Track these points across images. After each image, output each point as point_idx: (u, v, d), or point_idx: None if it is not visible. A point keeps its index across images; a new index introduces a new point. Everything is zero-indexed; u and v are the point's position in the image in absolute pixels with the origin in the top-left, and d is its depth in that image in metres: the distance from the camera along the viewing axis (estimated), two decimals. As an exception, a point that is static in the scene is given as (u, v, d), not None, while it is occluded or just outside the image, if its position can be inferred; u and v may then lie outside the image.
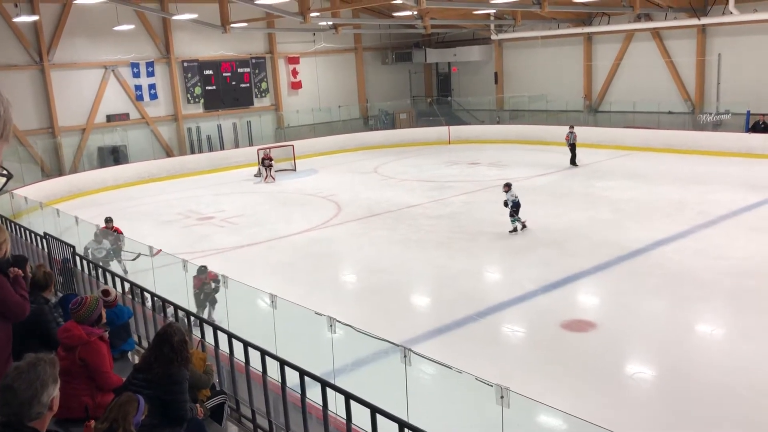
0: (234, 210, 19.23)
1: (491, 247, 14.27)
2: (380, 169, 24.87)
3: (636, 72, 27.44)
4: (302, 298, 9.82)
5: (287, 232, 16.07)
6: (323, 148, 28.87)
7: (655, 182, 19.62)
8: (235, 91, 28.87)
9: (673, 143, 24.50)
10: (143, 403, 3.80)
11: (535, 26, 28.80)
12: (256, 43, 29.49)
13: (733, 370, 8.44)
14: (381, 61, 33.73)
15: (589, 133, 27.02)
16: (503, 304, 11.02)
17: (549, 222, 15.69)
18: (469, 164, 24.79)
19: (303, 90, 30.98)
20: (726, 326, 10.06)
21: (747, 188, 17.93)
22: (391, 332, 9.00)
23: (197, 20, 23.97)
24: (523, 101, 31.19)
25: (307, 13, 21.83)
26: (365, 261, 13.95)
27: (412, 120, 33.35)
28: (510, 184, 15.10)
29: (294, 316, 8.22)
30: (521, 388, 5.62)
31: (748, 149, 22.53)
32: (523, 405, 5.36)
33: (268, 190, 22.28)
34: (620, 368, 8.83)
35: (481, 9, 25.98)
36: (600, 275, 12.26)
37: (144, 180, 24.62)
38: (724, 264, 12.25)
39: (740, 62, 24.26)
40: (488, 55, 32.45)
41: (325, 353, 6.99)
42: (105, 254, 12.29)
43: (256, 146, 26.39)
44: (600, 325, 10.03)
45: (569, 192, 19.17)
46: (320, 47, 30.92)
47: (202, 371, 5.18)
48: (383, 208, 18.30)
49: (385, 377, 7.11)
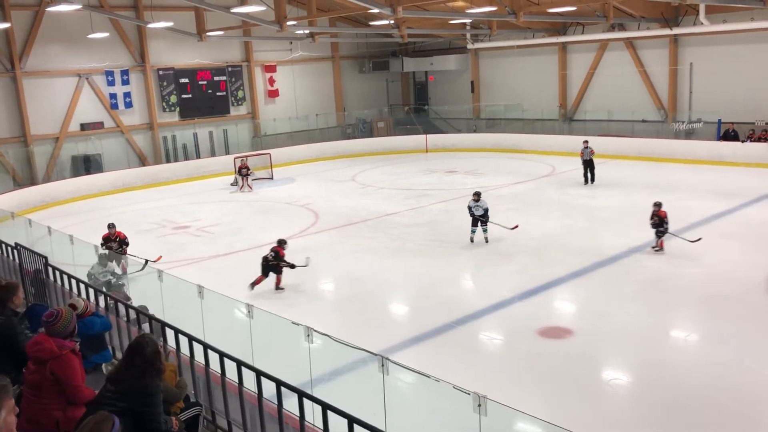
0: (210, 219, 19.08)
1: (469, 255, 14.32)
2: (358, 178, 24.87)
3: (610, 81, 27.82)
4: (279, 308, 9.78)
5: (264, 241, 15.94)
6: (300, 156, 28.81)
7: (629, 190, 19.85)
8: (212, 99, 28.72)
9: (647, 151, 24.84)
10: (118, 424, 3.73)
11: (511, 35, 29.09)
12: (232, 51, 29.38)
13: (708, 376, 8.54)
14: (358, 70, 33.81)
15: (564, 141, 27.33)
16: (481, 312, 11.04)
17: (526, 230, 15.78)
18: (447, 172, 24.89)
19: (280, 98, 30.92)
20: (700, 332, 10.19)
21: (718, 196, 18.22)
22: (369, 341, 8.97)
23: (173, 28, 23.83)
24: (500, 110, 31.44)
25: (283, 21, 21.81)
26: (343, 269, 13.91)
27: (389, 128, 33.43)
28: (479, 193, 15.00)
29: (271, 326, 8.16)
30: (499, 396, 5.63)
31: (720, 157, 22.92)
32: (501, 413, 5.37)
33: (245, 198, 22.16)
34: (597, 375, 8.89)
35: (457, 18, 26.17)
36: (576, 282, 12.35)
37: (119, 189, 24.35)
38: (697, 271, 12.42)
39: (711, 71, 24.70)
40: (464, 64, 32.68)
41: (303, 363, 6.94)
42: (110, 278, 11.10)
43: (233, 155, 26.27)
44: (576, 331, 10.10)
45: (545, 200, 19.33)
46: (297, 56, 30.91)
47: (174, 384, 5.11)
48: (361, 217, 18.29)
49: (362, 387, 7.08)
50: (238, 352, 6.00)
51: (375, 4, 19.15)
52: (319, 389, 7.23)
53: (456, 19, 26.33)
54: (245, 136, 29.82)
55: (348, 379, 8.11)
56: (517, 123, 30.04)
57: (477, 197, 14.80)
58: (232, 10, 22.37)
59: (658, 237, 13.59)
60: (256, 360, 6.53)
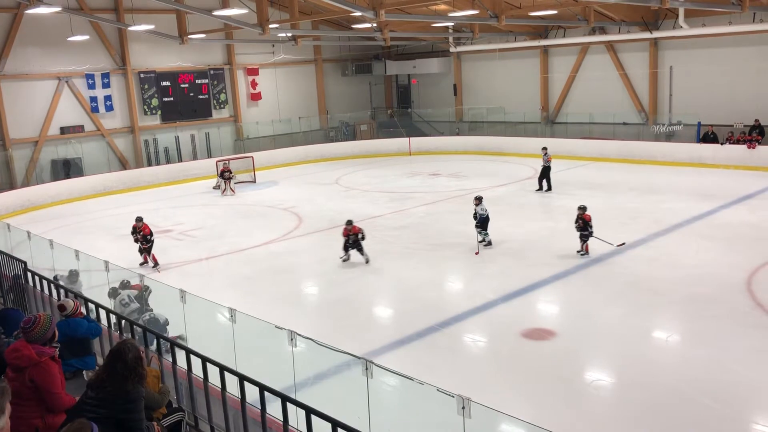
0: (192, 223, 18.97)
1: (453, 258, 14.35)
2: (341, 181, 24.85)
3: (591, 84, 28.04)
4: (263, 312, 9.71)
5: (247, 244, 15.90)
6: (283, 159, 28.73)
7: (610, 192, 20.02)
8: (193, 102, 28.57)
9: (628, 153, 25.06)
10: (96, 431, 3.68)
11: (493, 39, 29.24)
12: (214, 54, 29.25)
13: (688, 376, 8.62)
14: (341, 73, 33.80)
15: (547, 144, 27.45)
16: (464, 314, 11.07)
17: (509, 232, 15.86)
18: (430, 175, 24.94)
19: (262, 101, 30.83)
20: (680, 332, 10.28)
21: (698, 197, 18.43)
22: (353, 345, 8.96)
23: (154, 31, 23.67)
24: (482, 113, 31.57)
25: (265, 24, 21.74)
26: (327, 273, 13.87)
27: (372, 131, 33.44)
28: (481, 198, 14.88)
29: (254, 331, 8.12)
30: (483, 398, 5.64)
31: (699, 159, 23.19)
32: (485, 415, 5.38)
33: (227, 202, 22.05)
34: (580, 376, 8.94)
35: (440, 22, 26.25)
36: (558, 284, 12.43)
37: (100, 193, 24.12)
38: (677, 272, 12.54)
39: (691, 74, 25.00)
40: (447, 68, 32.79)
41: (286, 367, 6.92)
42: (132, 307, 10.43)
43: (215, 158, 26.13)
44: (559, 332, 10.15)
45: (528, 202, 19.43)
46: (280, 59, 30.84)
47: (157, 390, 5.05)
48: (345, 220, 18.24)
49: (347, 390, 7.07)
50: (221, 357, 5.96)
51: (357, 7, 19.15)
52: (303, 393, 7.22)
53: (438, 22, 26.41)
54: (227, 140, 29.69)
55: (332, 383, 8.09)
56: (499, 126, 30.19)
57: (477, 201, 14.59)
58: (214, 13, 22.28)
59: (582, 241, 13.70)
60: (240, 364, 6.49)
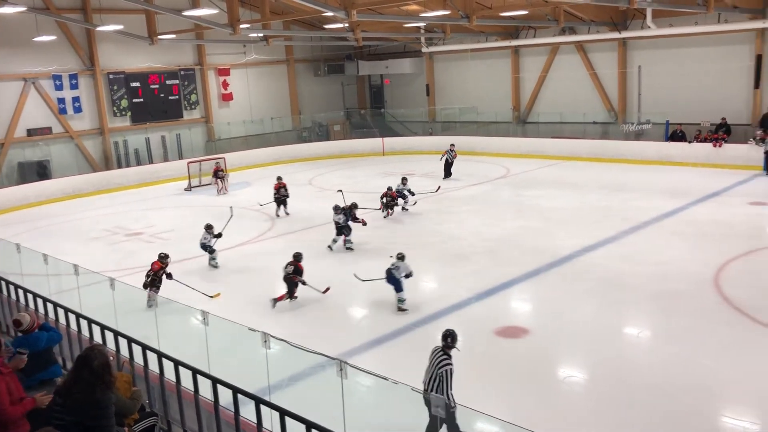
0: (164, 225, 18.75)
1: (427, 257, 14.37)
2: (315, 181, 24.76)
3: (562, 83, 28.33)
4: (236, 315, 9.64)
5: (220, 246, 15.73)
6: (256, 160, 28.54)
7: (581, 190, 20.24)
8: (164, 103, 28.26)
9: (598, 152, 25.36)
10: None
11: (465, 39, 29.39)
12: (184, 54, 28.97)
13: (660, 371, 8.75)
14: (313, 73, 33.70)
15: (518, 143, 27.75)
16: (439, 313, 11.10)
17: (482, 231, 15.95)
18: (404, 175, 24.93)
19: (234, 102, 30.60)
20: (652, 328, 10.44)
21: (667, 195, 18.72)
22: (327, 346, 8.93)
23: (123, 31, 23.37)
24: (455, 113, 31.71)
25: (236, 24, 21.59)
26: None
27: (345, 132, 33.39)
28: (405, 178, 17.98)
29: (227, 333, 8.06)
30: (457, 397, 5.67)
31: (668, 157, 23.56)
32: (459, 413, 5.42)
33: (199, 204, 21.84)
34: (553, 373, 9.02)
35: (411, 22, 26.31)
36: (532, 282, 12.53)
37: (69, 196, 23.72)
38: (648, 268, 12.73)
39: (659, 74, 25.39)
40: (419, 68, 32.88)
41: (260, 369, 6.87)
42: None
43: (186, 159, 25.88)
44: (533, 330, 10.23)
45: (500, 201, 19.56)
46: (251, 59, 30.65)
47: (128, 396, 4.98)
48: (319, 221, 18.19)
49: (321, 391, 7.04)
50: (194, 360, 5.91)
51: (329, 7, 19.13)
52: (278, 395, 7.17)
53: (410, 22, 26.47)
54: (199, 141, 29.42)
55: (306, 384, 8.05)
56: (471, 126, 30.35)
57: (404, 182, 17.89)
58: (184, 13, 22.07)
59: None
60: (213, 368, 6.43)
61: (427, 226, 16.64)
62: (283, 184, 19.13)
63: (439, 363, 6.74)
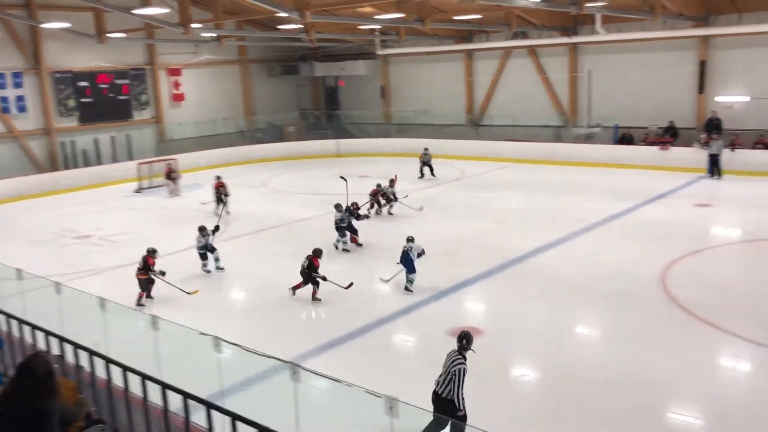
0: (114, 228, 18.32)
1: (382, 258, 14.38)
2: (269, 183, 24.55)
3: (514, 87, 28.74)
4: (187, 319, 9.48)
5: (171, 249, 15.46)
6: (208, 161, 28.09)
7: (534, 192, 20.56)
8: (113, 103, 27.62)
9: (550, 155, 25.80)
10: None
11: (419, 42, 29.56)
12: (134, 53, 28.37)
13: (610, 369, 8.94)
14: (267, 74, 33.41)
15: (473, 146, 28.03)
16: (394, 314, 11.12)
17: (438, 232, 16.05)
18: (359, 177, 24.93)
19: (186, 102, 30.11)
20: (602, 328, 10.66)
21: (615, 197, 19.16)
22: (281, 349, 8.86)
23: (70, 29, 22.77)
24: (410, 115, 31.84)
25: (188, 24, 21.25)
26: (255, 277, 13.67)
27: (300, 133, 33.19)
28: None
29: (178, 337, 7.92)
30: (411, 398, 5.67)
31: (616, 160, 24.12)
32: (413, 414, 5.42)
33: (151, 206, 21.42)
34: (507, 372, 9.13)
35: (366, 24, 26.35)
36: (486, 282, 12.66)
37: (13, 198, 22.95)
38: (598, 269, 13.00)
39: (608, 78, 25.97)
40: (374, 70, 32.92)
41: (212, 374, 6.77)
42: None
43: (137, 160, 25.36)
44: (486, 331, 10.33)
45: (456, 203, 19.72)
46: (203, 59, 30.22)
47: (73, 403, 4.83)
48: (273, 223, 18.06)
49: (275, 395, 6.97)
50: (144, 366, 5.78)
51: (283, 8, 18.99)
52: (230, 400, 7.07)
53: (364, 24, 26.50)
54: (149, 141, 28.84)
55: (259, 389, 7.96)
56: (426, 128, 30.52)
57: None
58: (134, 11, 21.63)
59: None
60: (163, 373, 6.30)
61: (383, 229, 16.66)
62: (222, 183, 19.47)
63: (452, 362, 6.89)
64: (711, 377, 8.75)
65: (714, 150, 21.25)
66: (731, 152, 21.53)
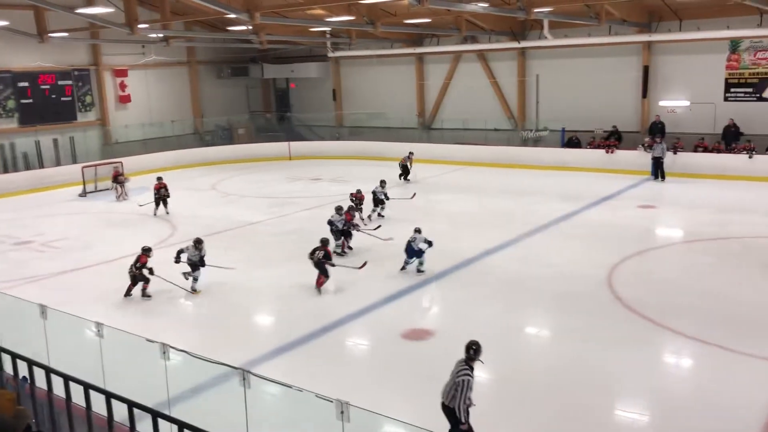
0: (56, 233, 17.76)
1: (335, 261, 14.30)
2: (219, 186, 24.20)
3: (465, 91, 29.04)
4: (134, 326, 9.26)
5: (117, 255, 15.08)
6: (156, 164, 27.49)
7: (484, 195, 20.80)
8: (56, 105, 26.81)
9: (499, 158, 26.15)
10: None
11: (370, 45, 29.60)
12: (78, 54, 27.62)
13: (558, 368, 9.08)
14: (216, 75, 32.94)
15: (424, 149, 28.16)
16: (346, 318, 11.08)
17: (390, 234, 16.05)
18: (311, 180, 24.83)
19: (132, 104, 29.44)
20: (551, 328, 10.84)
21: (563, 199, 19.53)
22: (232, 355, 8.72)
23: (8, 28, 22.03)
24: (362, 118, 31.85)
25: (134, 24, 20.80)
26: (204, 282, 13.40)
27: (251, 135, 32.83)
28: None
29: (124, 345, 7.72)
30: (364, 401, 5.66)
31: (564, 163, 24.62)
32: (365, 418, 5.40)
33: (95, 210, 20.85)
34: (457, 374, 9.17)
35: (317, 27, 26.25)
36: (437, 284, 12.74)
37: (-52, 202, 22.08)
38: (547, 270, 13.21)
39: (555, 83, 26.51)
40: (326, 72, 32.82)
41: (159, 382, 6.61)
42: None
43: (81, 164, 24.65)
44: (437, 332, 10.39)
45: (408, 205, 19.77)
46: (150, 60, 29.61)
47: (11, 414, 4.65)
48: (223, 226, 17.79)
49: (224, 402, 6.85)
50: (88, 375, 5.62)
51: (232, 9, 18.76)
52: (178, 408, 6.93)
53: (315, 27, 26.40)
54: (94, 144, 28.07)
55: (209, 396, 7.82)
56: (379, 131, 30.57)
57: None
58: (77, 10, 21.06)
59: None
60: (108, 382, 6.13)
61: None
62: (163, 185, 19.60)
63: (458, 372, 6.64)
64: (656, 375, 8.98)
65: (657, 153, 21.88)
66: (674, 155, 22.20)
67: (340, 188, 22.46)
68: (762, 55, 22.26)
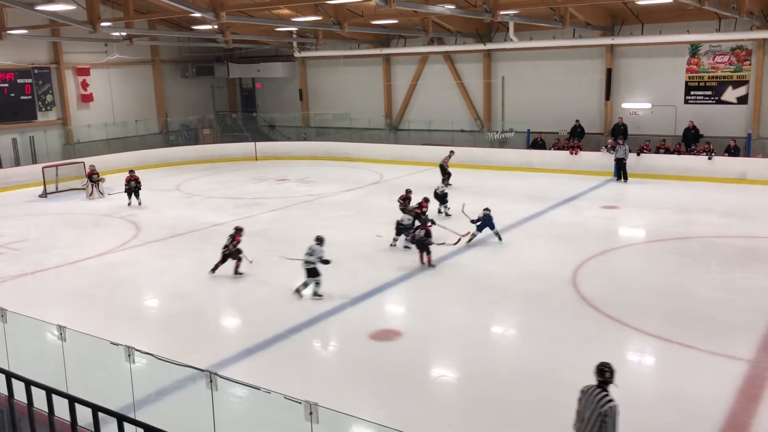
0: (15, 235, 17.36)
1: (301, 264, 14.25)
2: (183, 187, 23.91)
3: (431, 92, 29.20)
4: (98, 329, 9.11)
5: (79, 256, 14.82)
6: (119, 164, 27.01)
7: (451, 196, 20.87)
8: (15, 103, 26.23)
9: (465, 159, 26.26)
10: None
11: (337, 46, 29.57)
12: (39, 52, 27.04)
13: (524, 366, 9.18)
14: (181, 75, 32.56)
15: (391, 149, 28.28)
16: (314, 320, 11.04)
17: (357, 236, 16.06)
18: (278, 180, 24.69)
19: (95, 103, 28.94)
20: (517, 327, 10.95)
21: (528, 199, 19.77)
22: (198, 357, 8.64)
23: (-34, 24, 21.43)
24: (328, 118, 31.79)
25: (97, 22, 20.43)
26: (169, 284, 13.26)
27: (216, 136, 32.53)
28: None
29: (88, 348, 7.59)
30: (332, 402, 5.65)
31: (529, 164, 24.91)
32: (333, 419, 5.39)
33: (55, 211, 20.43)
34: (425, 373, 9.23)
35: (283, 26, 26.11)
36: (405, 285, 12.77)
37: None
38: (513, 269, 13.35)
39: (521, 85, 26.82)
40: (292, 72, 32.68)
41: (124, 385, 6.52)
42: None
43: (41, 164, 24.13)
44: (405, 333, 10.42)
45: (374, 207, 19.81)
46: (113, 58, 29.12)
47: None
48: (187, 228, 17.59)
49: (191, 405, 6.78)
50: (50, 379, 5.50)
51: (197, 8, 18.56)
52: (144, 411, 6.84)
53: (282, 26, 26.26)
54: (56, 144, 27.53)
55: (175, 399, 7.72)
56: (346, 132, 30.55)
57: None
58: (37, 7, 20.57)
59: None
60: (71, 386, 6.02)
61: (301, 233, 16.51)
62: (135, 177, 20.52)
63: (599, 401, 5.77)
64: (619, 372, 9.10)
65: (620, 154, 22.29)
66: (637, 156, 22.63)
67: (306, 189, 22.39)
68: (720, 59, 22.85)
